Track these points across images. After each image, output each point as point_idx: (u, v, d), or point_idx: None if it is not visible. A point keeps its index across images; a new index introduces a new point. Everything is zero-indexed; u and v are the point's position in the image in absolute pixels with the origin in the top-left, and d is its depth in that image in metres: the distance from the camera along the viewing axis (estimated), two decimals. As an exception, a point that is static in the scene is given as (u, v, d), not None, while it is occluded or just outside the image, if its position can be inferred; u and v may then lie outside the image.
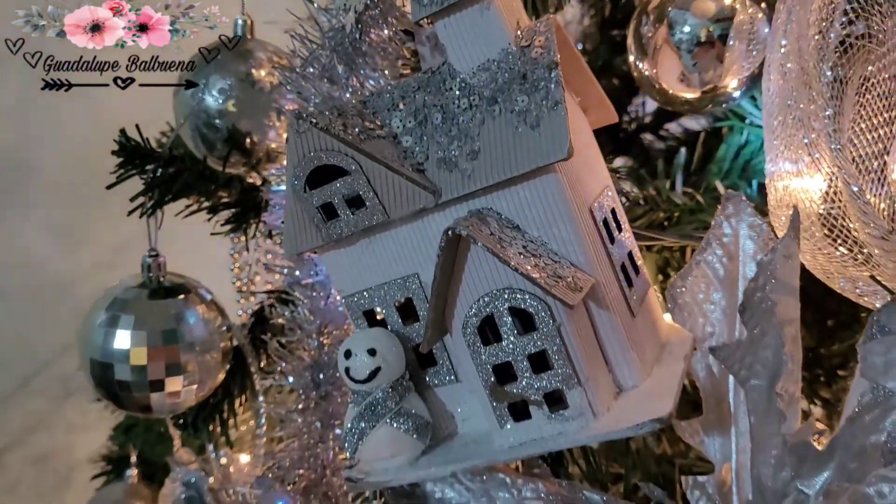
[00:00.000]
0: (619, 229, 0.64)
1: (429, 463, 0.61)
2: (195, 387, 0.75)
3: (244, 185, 0.82)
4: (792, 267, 0.54)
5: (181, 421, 0.88)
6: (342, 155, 0.59)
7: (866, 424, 0.52)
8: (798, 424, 0.57)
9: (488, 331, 0.57)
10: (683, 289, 0.66)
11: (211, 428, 0.86)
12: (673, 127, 1.17)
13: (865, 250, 0.58)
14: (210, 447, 0.87)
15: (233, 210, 0.82)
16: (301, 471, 0.75)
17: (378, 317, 0.65)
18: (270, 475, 0.74)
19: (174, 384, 0.73)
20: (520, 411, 0.58)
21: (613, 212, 0.64)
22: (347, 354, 0.61)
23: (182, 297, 0.77)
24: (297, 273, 0.77)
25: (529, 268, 0.54)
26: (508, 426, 0.58)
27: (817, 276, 0.64)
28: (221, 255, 1.02)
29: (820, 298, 0.86)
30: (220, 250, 1.02)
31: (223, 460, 0.85)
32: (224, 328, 0.79)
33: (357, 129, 0.61)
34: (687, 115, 1.14)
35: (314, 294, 0.76)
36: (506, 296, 0.56)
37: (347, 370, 0.61)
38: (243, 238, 0.94)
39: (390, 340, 0.62)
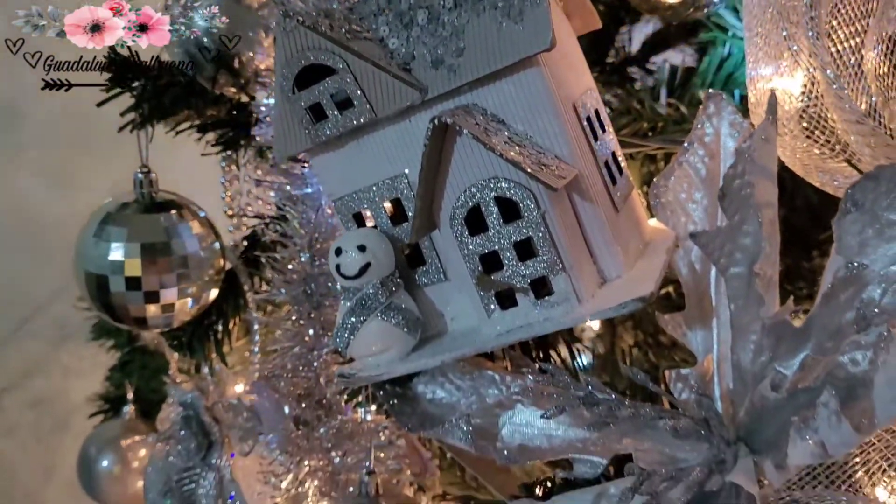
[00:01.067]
0: (603, 129, 0.65)
1: (419, 356, 0.63)
2: (189, 300, 0.76)
3: (234, 103, 0.83)
4: (769, 151, 0.56)
5: (176, 342, 0.89)
6: (329, 53, 0.60)
7: (841, 302, 0.54)
8: (776, 308, 0.59)
9: (475, 221, 0.59)
10: (666, 188, 0.67)
11: (206, 349, 0.88)
12: (659, 62, 1.18)
13: (843, 140, 0.60)
14: (205, 367, 0.88)
15: (223, 129, 0.83)
16: (295, 379, 0.77)
17: (368, 219, 0.66)
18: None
19: (168, 296, 0.75)
20: (506, 299, 0.59)
21: (597, 112, 0.65)
22: (338, 252, 0.62)
23: (174, 212, 0.78)
24: (288, 187, 0.78)
25: (514, 154, 0.55)
26: (496, 314, 0.60)
27: (796, 171, 0.66)
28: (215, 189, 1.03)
29: (804, 214, 0.88)
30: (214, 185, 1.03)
31: (218, 377, 0.86)
32: (216, 245, 0.80)
33: (344, 30, 0.61)
34: (672, 48, 1.15)
35: (304, 207, 0.77)
36: (491, 185, 0.57)
37: (338, 267, 0.62)
38: (234, 167, 0.95)
39: (379, 238, 0.63)
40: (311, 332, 0.75)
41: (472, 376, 0.68)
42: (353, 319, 0.62)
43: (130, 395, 1.26)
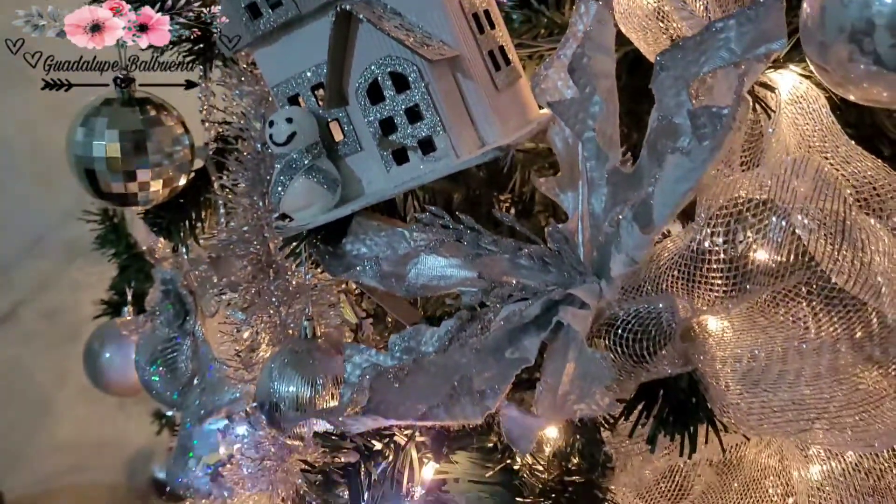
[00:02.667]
0: (492, 27, 0.79)
1: (337, 209, 0.78)
2: (161, 181, 0.91)
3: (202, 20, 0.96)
4: (606, 31, 0.69)
5: (157, 228, 1.05)
6: (259, -44, 0.74)
7: (658, 150, 0.68)
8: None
9: (375, 93, 0.73)
10: (545, 77, 0.81)
11: (182, 232, 1.03)
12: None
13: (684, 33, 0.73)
14: (182, 248, 1.04)
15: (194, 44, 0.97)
16: (251, 247, 0.92)
17: (301, 102, 0.80)
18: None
19: (143, 177, 0.90)
20: (400, 156, 0.74)
21: (487, 12, 0.79)
22: (270, 124, 0.77)
23: (150, 107, 0.92)
24: (245, 87, 0.93)
25: (402, 36, 0.69)
26: (393, 170, 0.74)
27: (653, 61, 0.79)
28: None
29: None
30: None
31: (191, 254, 1.02)
32: (186, 138, 0.95)
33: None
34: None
35: (259, 106, 0.92)
36: (386, 62, 0.71)
37: (271, 136, 0.77)
38: (208, 80, 1.09)
39: (305, 113, 0.77)
40: (261, 205, 0.90)
41: (386, 233, 0.82)
42: (282, 178, 0.77)
43: (129, 297, 1.41)
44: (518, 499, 0.78)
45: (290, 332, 0.93)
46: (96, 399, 1.90)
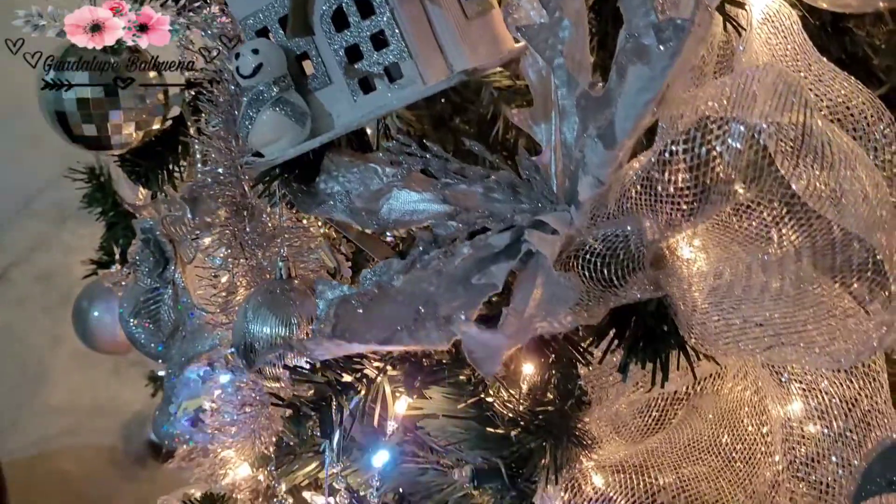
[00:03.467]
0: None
1: (306, 142, 0.77)
2: (135, 124, 0.90)
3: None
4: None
5: (135, 175, 1.04)
6: None
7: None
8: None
9: (339, 20, 0.72)
10: (517, 7, 0.79)
11: (160, 179, 1.02)
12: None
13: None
14: (160, 195, 1.03)
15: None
16: (226, 189, 0.91)
17: (269, 35, 0.79)
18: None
19: (115, 119, 0.89)
20: (367, 85, 0.73)
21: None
22: (236, 56, 0.76)
23: (126, 54, 0.91)
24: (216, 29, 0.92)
25: (363, -41, 0.68)
26: (359, 99, 0.73)
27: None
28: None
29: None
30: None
31: (170, 197, 1.01)
32: (159, 83, 0.94)
33: None
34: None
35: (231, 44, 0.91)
36: (350, -13, 0.70)
37: (237, 69, 0.76)
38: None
39: (271, 45, 0.76)
40: (235, 147, 0.89)
41: (358, 169, 0.81)
42: (249, 112, 0.76)
43: (117, 255, 1.41)
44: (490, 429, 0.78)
45: (268, 276, 0.92)
46: (91, 363, 1.91)
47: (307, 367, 0.74)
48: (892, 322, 0.56)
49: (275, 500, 0.87)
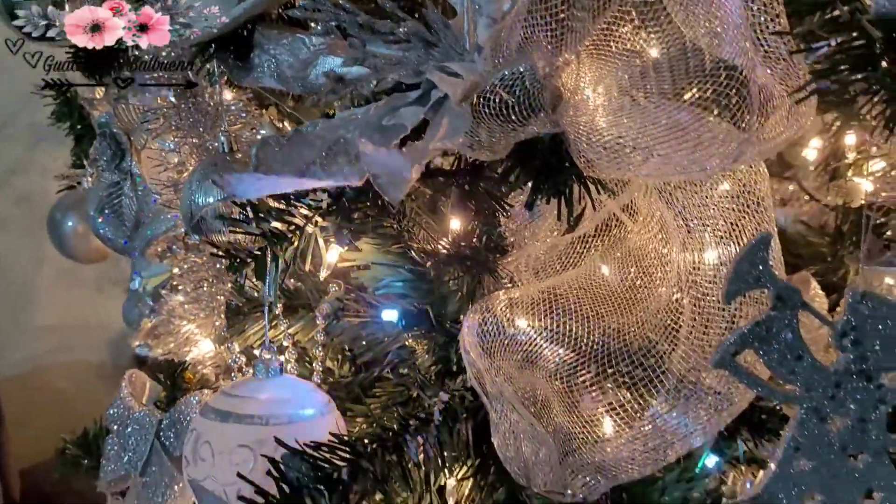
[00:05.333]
0: None
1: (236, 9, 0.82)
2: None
3: None
4: None
5: (88, 73, 1.09)
6: None
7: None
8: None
9: None
10: None
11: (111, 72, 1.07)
12: None
13: None
14: (113, 89, 1.08)
15: None
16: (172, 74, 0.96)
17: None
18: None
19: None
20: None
21: None
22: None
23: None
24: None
25: None
26: (278, -36, 0.78)
27: None
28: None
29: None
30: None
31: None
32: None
33: None
34: None
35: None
36: None
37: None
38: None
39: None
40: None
41: (287, 40, 0.86)
42: (179, -18, 0.80)
43: (87, 165, 1.46)
44: (420, 279, 0.84)
45: (211, 149, 0.98)
46: (75, 282, 1.97)
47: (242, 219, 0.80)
48: (749, 138, 0.62)
49: (230, 360, 0.94)
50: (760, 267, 0.66)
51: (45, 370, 2.00)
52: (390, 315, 0.84)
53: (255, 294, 0.94)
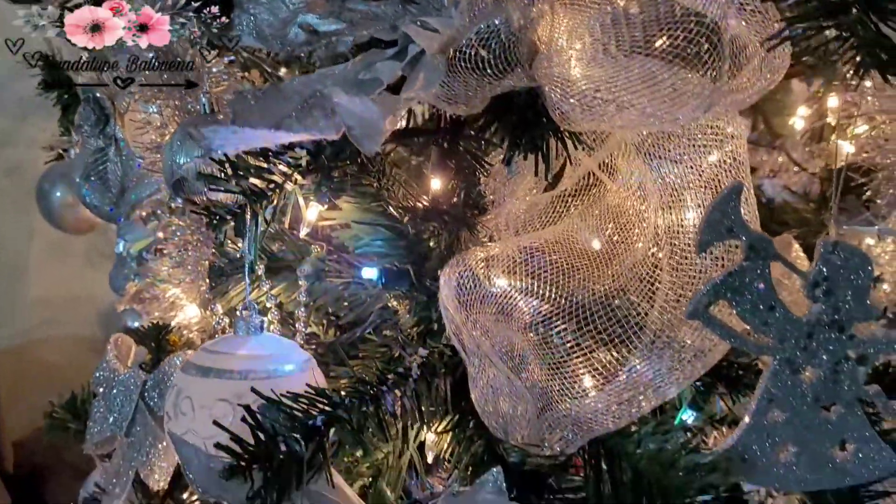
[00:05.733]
0: None
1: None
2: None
3: None
4: None
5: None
6: None
7: None
8: None
9: None
10: None
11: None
12: None
13: None
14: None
15: None
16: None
17: None
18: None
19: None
20: None
21: None
22: None
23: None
24: None
25: None
26: (254, -81, 0.78)
27: None
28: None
29: None
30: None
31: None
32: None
33: None
34: None
35: None
36: None
37: None
38: None
39: None
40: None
41: (266, 0, 0.86)
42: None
43: (73, 133, 1.46)
44: (400, 239, 0.84)
45: (192, 110, 0.97)
46: (65, 255, 1.98)
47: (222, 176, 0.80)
48: (720, 87, 0.62)
49: (214, 322, 0.95)
50: (732, 217, 0.66)
51: (37, 343, 2.00)
52: (370, 274, 0.85)
53: (238, 255, 0.94)
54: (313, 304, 0.94)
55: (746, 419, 0.74)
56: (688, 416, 0.84)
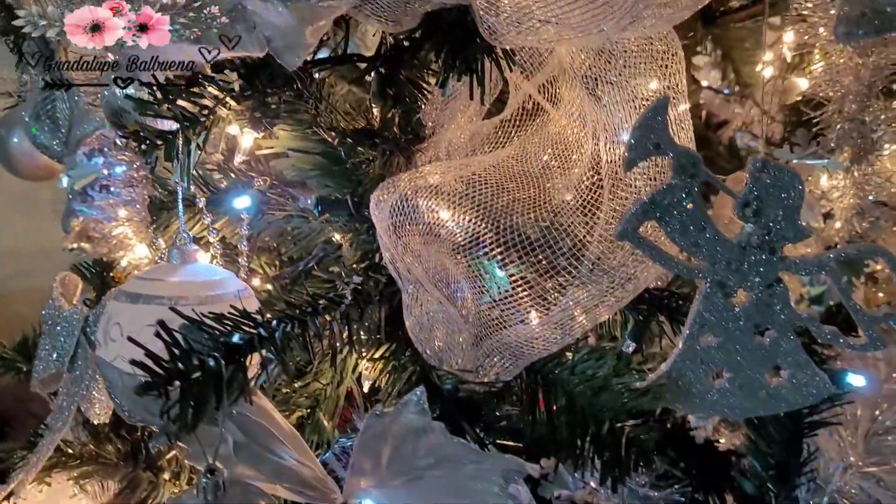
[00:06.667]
0: None
1: None
2: None
3: None
4: None
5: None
6: None
7: None
8: None
9: None
10: None
11: None
12: None
13: None
14: None
15: None
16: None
17: None
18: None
19: None
20: None
21: None
22: None
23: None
24: None
25: None
26: None
27: None
28: None
29: None
30: None
31: None
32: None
33: None
34: None
35: None
36: None
37: None
38: None
39: None
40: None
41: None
42: None
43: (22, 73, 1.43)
44: (337, 167, 0.83)
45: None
46: (31, 207, 1.96)
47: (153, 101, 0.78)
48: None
49: (157, 258, 0.93)
50: (659, 131, 0.65)
51: (5, 296, 1.99)
52: (307, 202, 0.84)
53: (176, 184, 0.92)
54: (256, 238, 0.93)
55: (679, 344, 0.73)
56: (628, 346, 0.84)
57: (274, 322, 0.69)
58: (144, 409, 0.69)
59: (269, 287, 0.92)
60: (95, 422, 0.92)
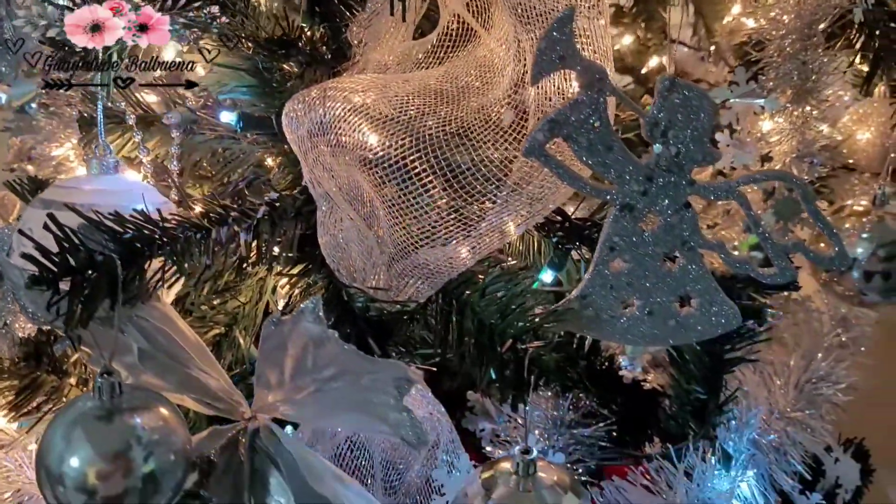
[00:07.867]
0: None
1: None
2: None
3: None
4: None
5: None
6: None
7: None
8: None
9: None
10: None
11: None
12: None
13: None
14: None
15: None
16: None
17: None
18: None
19: None
20: None
21: None
22: None
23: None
24: None
25: None
26: None
27: None
28: None
29: None
30: None
31: None
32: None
33: None
34: None
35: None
36: None
37: None
38: None
39: None
40: None
41: None
42: None
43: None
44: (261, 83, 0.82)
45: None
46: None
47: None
48: None
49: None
50: (565, 43, 0.63)
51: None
52: (228, 118, 0.83)
53: (111, 104, 0.92)
54: (187, 159, 0.92)
55: (590, 269, 0.73)
56: (547, 275, 0.83)
57: (179, 228, 0.69)
58: (46, 309, 0.68)
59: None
60: (21, 335, 0.92)
